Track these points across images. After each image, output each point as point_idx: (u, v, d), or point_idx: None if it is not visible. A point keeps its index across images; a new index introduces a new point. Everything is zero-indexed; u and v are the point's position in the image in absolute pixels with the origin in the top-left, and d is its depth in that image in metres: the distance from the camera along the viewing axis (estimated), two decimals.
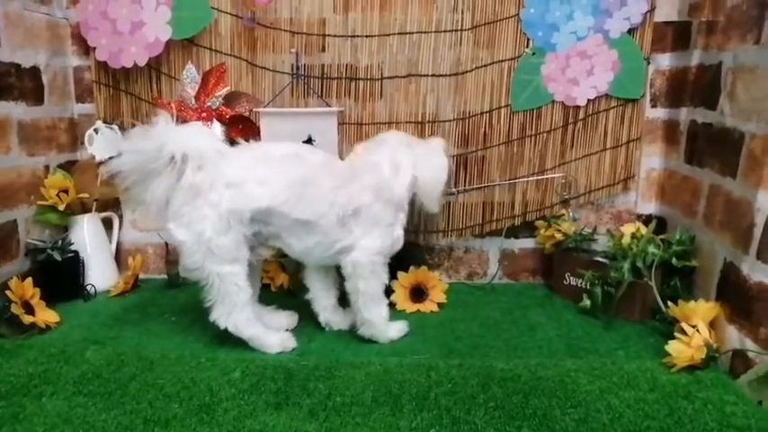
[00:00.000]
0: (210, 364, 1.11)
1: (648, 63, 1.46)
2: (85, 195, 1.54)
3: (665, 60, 1.47)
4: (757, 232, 1.05)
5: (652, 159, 1.52)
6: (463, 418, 0.93)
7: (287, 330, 1.25)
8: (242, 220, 1.13)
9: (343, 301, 1.28)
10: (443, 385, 1.03)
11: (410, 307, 1.41)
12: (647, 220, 1.49)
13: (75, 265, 1.48)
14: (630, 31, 1.43)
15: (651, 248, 1.28)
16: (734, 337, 1.09)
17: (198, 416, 0.94)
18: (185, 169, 1.11)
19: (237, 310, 1.16)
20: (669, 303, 1.21)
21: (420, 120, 1.52)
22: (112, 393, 1.01)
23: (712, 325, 1.14)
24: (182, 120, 1.43)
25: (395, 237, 1.23)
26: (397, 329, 1.25)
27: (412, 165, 1.26)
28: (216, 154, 1.13)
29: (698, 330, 1.09)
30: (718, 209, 1.21)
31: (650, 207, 1.54)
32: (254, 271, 1.24)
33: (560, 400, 0.97)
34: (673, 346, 1.08)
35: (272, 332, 1.20)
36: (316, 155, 1.20)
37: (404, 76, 1.50)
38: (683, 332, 1.10)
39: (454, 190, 1.54)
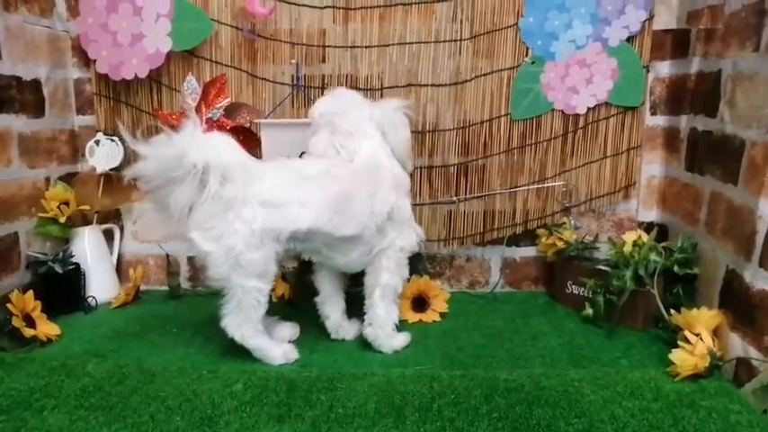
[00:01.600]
0: (212, 377, 1.11)
1: (648, 71, 1.46)
2: (86, 207, 1.54)
3: (664, 68, 1.47)
4: (759, 240, 1.05)
5: (653, 167, 1.52)
6: (467, 430, 0.92)
7: (289, 342, 1.25)
8: (278, 239, 1.13)
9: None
10: (446, 396, 1.02)
11: (412, 317, 1.41)
12: (648, 227, 1.49)
13: (76, 277, 1.48)
14: (629, 40, 1.44)
15: (653, 256, 1.27)
16: (737, 345, 1.08)
17: (200, 428, 0.94)
18: (208, 179, 1.09)
19: (250, 323, 1.15)
20: (672, 311, 1.21)
21: (420, 129, 1.52)
22: (114, 407, 1.00)
23: (715, 333, 1.13)
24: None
25: (418, 231, 1.27)
26: (401, 340, 1.25)
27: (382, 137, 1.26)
28: (240, 166, 1.12)
29: (701, 339, 1.08)
30: (720, 216, 1.21)
31: (651, 215, 1.54)
32: None
33: (564, 411, 0.97)
34: (676, 355, 1.07)
35: (276, 344, 1.20)
36: (343, 168, 1.20)
37: (404, 86, 1.50)
38: (687, 340, 1.09)
39: (455, 198, 1.54)
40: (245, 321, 1.15)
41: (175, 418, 0.97)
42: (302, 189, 1.15)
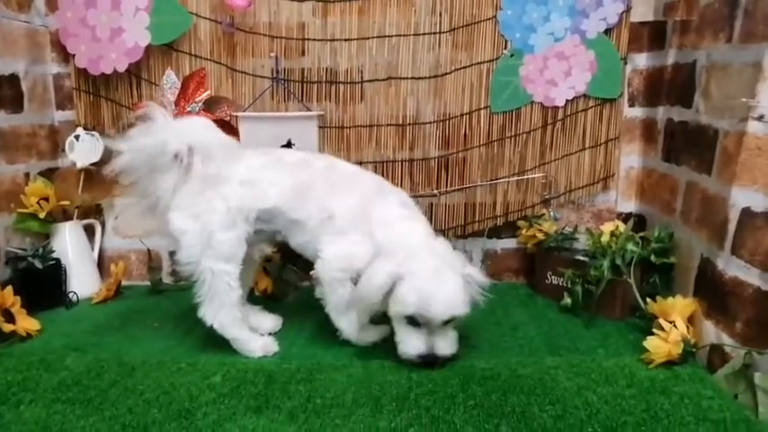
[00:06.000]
0: (191, 369, 1.11)
1: (625, 63, 1.47)
2: (66, 203, 1.54)
3: (641, 60, 1.49)
4: (731, 227, 1.06)
5: (631, 158, 1.53)
6: (442, 417, 0.93)
7: (270, 334, 1.25)
8: (248, 219, 1.16)
9: None
10: (424, 386, 1.03)
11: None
12: (626, 218, 1.51)
13: (56, 272, 1.47)
14: (607, 32, 1.45)
15: (630, 246, 1.29)
16: (711, 331, 1.10)
17: (177, 421, 0.94)
18: (192, 161, 1.12)
19: (226, 309, 1.15)
20: (648, 300, 1.23)
21: (401, 122, 1.52)
22: (92, 400, 1.00)
23: (690, 321, 1.15)
24: None
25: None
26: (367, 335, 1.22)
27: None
28: (221, 145, 1.15)
29: (675, 326, 1.10)
30: (695, 206, 1.22)
31: (630, 205, 1.55)
32: (251, 268, 1.27)
33: (539, 398, 0.98)
34: (650, 342, 1.09)
35: (255, 336, 1.20)
36: (322, 161, 1.25)
37: (384, 79, 1.50)
38: (661, 328, 1.11)
39: (436, 192, 1.54)
40: (221, 308, 1.15)
41: (153, 410, 0.97)
42: (276, 172, 1.19)
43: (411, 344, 1.09)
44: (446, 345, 1.10)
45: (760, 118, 1.01)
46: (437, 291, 1.06)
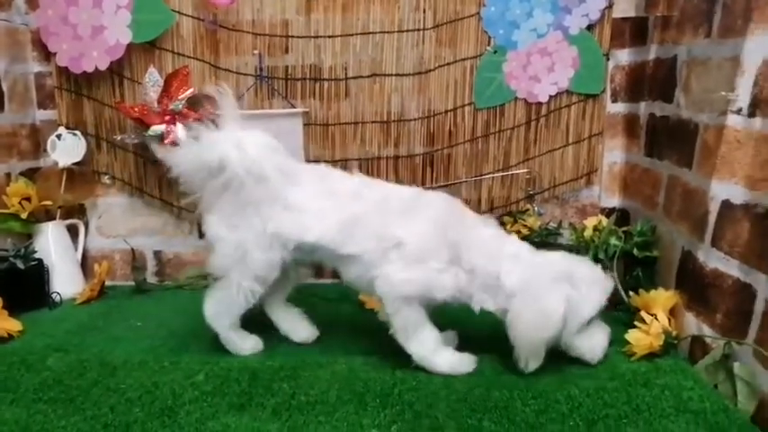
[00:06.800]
0: (174, 368, 1.10)
1: (608, 59, 1.48)
2: (49, 203, 1.52)
3: (624, 56, 1.49)
4: (711, 220, 1.07)
5: (614, 153, 1.54)
6: (425, 412, 0.93)
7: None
8: (285, 246, 1.10)
9: None
10: (408, 382, 1.03)
11: (378, 305, 1.41)
12: (610, 213, 1.51)
13: (39, 273, 1.46)
14: (589, 28, 1.45)
15: (613, 240, 1.29)
16: (692, 323, 1.11)
17: (159, 419, 0.93)
18: (244, 182, 1.06)
19: (230, 315, 1.15)
20: (631, 293, 1.23)
21: (385, 119, 1.52)
22: (73, 400, 0.99)
23: (672, 313, 1.16)
24: (144, 125, 1.43)
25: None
26: (446, 360, 1.09)
27: None
28: (278, 172, 1.08)
29: (657, 319, 1.11)
30: (677, 199, 1.23)
31: (614, 200, 1.56)
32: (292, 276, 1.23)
33: (521, 392, 0.98)
34: (632, 335, 1.10)
35: (245, 336, 1.18)
36: (376, 191, 1.14)
37: (368, 76, 1.50)
38: (643, 321, 1.11)
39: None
40: (226, 314, 1.15)
41: (135, 409, 0.96)
42: (324, 204, 1.10)
43: (602, 341, 1.07)
44: None
45: (738, 111, 1.02)
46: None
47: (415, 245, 1.05)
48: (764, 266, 0.94)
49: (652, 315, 1.12)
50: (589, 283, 1.04)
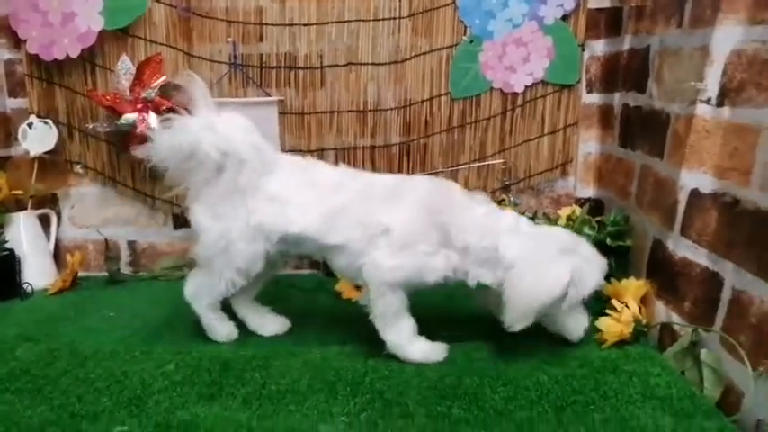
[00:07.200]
0: (145, 358, 1.09)
1: (583, 49, 1.48)
2: (19, 192, 1.50)
3: (599, 46, 1.50)
4: (680, 209, 1.08)
5: (589, 144, 1.55)
6: (395, 400, 0.94)
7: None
8: (268, 238, 1.09)
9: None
10: (380, 371, 1.03)
11: (355, 295, 1.41)
12: (585, 203, 1.52)
13: (10, 263, 1.44)
14: (564, 18, 1.45)
15: (586, 230, 1.30)
16: (662, 311, 1.12)
17: (127, 408, 0.93)
18: (224, 165, 1.06)
19: (210, 297, 1.15)
20: (603, 282, 1.24)
21: (362, 108, 1.52)
22: (41, 389, 0.98)
23: (643, 301, 1.17)
24: (117, 113, 1.41)
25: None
26: (419, 350, 1.09)
27: None
28: (257, 153, 1.08)
29: (627, 307, 1.12)
30: (648, 189, 1.24)
31: (589, 191, 1.57)
32: (269, 273, 1.20)
33: (491, 380, 0.99)
34: (602, 322, 1.11)
35: (225, 322, 1.18)
36: (359, 182, 1.13)
37: (344, 65, 1.49)
38: (614, 309, 1.12)
39: None
40: (206, 295, 1.14)
41: (103, 398, 0.95)
42: (307, 195, 1.09)
43: (584, 321, 1.09)
44: None
45: (708, 101, 1.03)
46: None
47: (402, 230, 1.04)
48: (731, 255, 0.95)
49: (623, 303, 1.13)
50: (591, 261, 1.05)
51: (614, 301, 1.14)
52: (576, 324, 1.08)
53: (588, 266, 1.03)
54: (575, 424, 0.86)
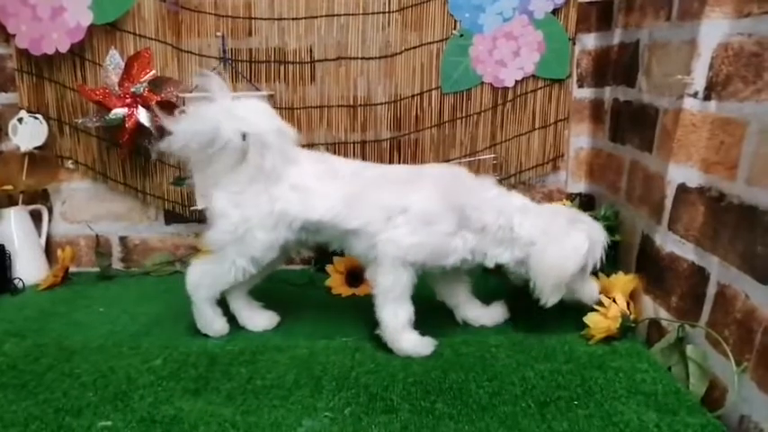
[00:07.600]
0: (132, 353, 1.10)
1: (574, 43, 1.48)
2: (10, 188, 1.50)
3: (590, 40, 1.49)
4: (668, 204, 1.08)
5: (580, 139, 1.54)
6: (380, 395, 0.94)
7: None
8: (290, 226, 1.10)
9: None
10: (366, 365, 1.04)
11: (346, 291, 1.41)
12: (576, 198, 1.52)
13: (0, 259, 1.44)
14: (555, 12, 1.44)
15: None
16: (650, 307, 1.12)
17: (112, 403, 0.93)
18: (247, 150, 1.06)
19: (212, 288, 1.15)
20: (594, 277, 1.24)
21: (352, 103, 1.51)
22: (26, 384, 0.99)
23: (632, 296, 1.17)
24: (106, 108, 1.41)
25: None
26: (410, 341, 1.09)
27: None
28: (279, 135, 1.07)
29: (615, 302, 1.11)
30: (638, 184, 1.24)
31: (580, 185, 1.56)
32: (272, 266, 1.20)
33: (477, 375, 0.99)
34: (590, 318, 1.10)
35: (219, 318, 1.18)
36: (374, 169, 1.18)
37: (333, 60, 1.49)
38: (602, 304, 1.12)
39: None
40: (209, 287, 1.14)
41: (88, 393, 0.96)
42: (328, 184, 1.11)
43: (595, 285, 1.14)
44: None
45: (695, 94, 1.03)
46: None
47: (420, 209, 1.07)
48: (717, 249, 0.95)
49: (611, 298, 1.13)
50: (594, 226, 1.11)
51: (602, 297, 1.13)
52: (590, 288, 1.12)
53: (594, 232, 1.09)
54: (558, 419, 0.86)
